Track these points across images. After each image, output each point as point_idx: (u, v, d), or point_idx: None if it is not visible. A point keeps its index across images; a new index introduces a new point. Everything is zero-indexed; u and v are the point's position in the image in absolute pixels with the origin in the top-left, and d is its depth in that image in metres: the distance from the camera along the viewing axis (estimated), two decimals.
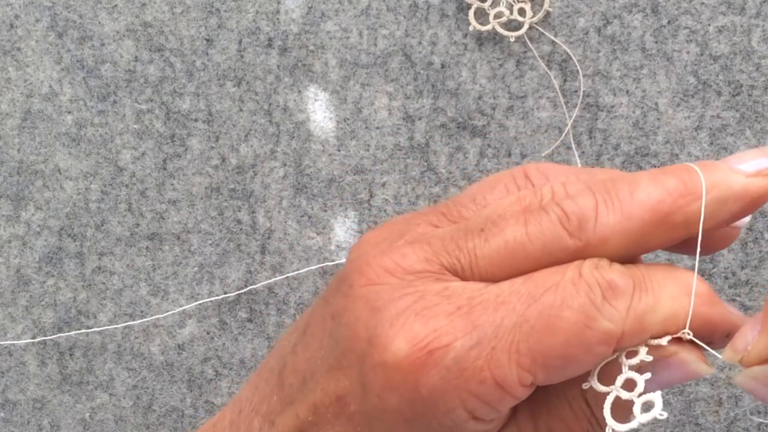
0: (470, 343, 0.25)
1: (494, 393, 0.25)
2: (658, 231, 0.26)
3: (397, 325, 0.25)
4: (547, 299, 0.25)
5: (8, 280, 0.48)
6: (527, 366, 0.24)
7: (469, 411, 0.25)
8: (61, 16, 0.46)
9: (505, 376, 0.24)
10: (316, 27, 0.45)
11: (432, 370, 0.25)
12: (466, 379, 0.25)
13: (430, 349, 0.25)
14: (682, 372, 0.25)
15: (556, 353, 0.24)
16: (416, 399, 0.25)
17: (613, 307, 0.25)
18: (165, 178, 0.47)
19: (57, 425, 0.48)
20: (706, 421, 0.46)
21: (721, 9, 0.44)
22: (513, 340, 0.25)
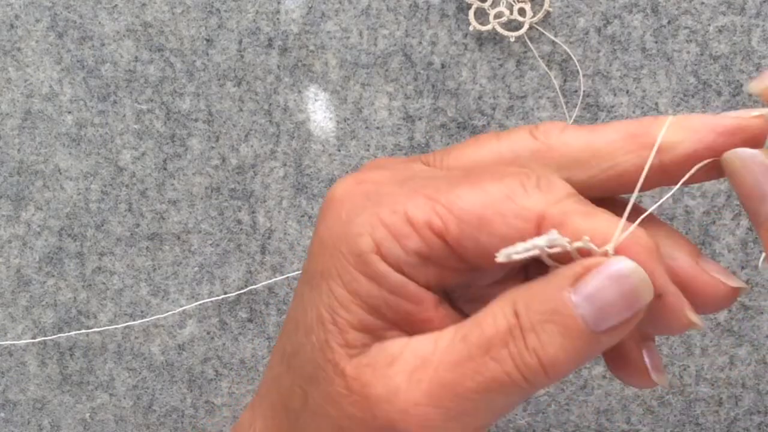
0: (393, 179, 0.27)
1: (403, 227, 0.26)
2: (625, 146, 0.26)
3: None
4: (484, 173, 0.26)
5: (8, 280, 0.48)
6: (440, 213, 0.26)
7: (376, 241, 0.26)
8: (61, 16, 0.46)
9: (416, 213, 0.26)
10: (316, 27, 0.45)
11: (350, 184, 0.27)
12: (381, 206, 0.26)
13: (357, 179, 0.27)
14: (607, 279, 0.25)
15: (472, 210, 0.25)
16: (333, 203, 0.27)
17: (540, 192, 0.26)
18: (165, 178, 0.47)
19: (57, 425, 0.48)
20: (706, 421, 0.46)
21: (721, 9, 0.44)
22: (437, 187, 0.26)
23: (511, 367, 0.25)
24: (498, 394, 0.25)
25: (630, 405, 0.46)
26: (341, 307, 0.26)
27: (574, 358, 0.25)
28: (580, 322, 0.25)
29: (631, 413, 0.46)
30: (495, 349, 0.25)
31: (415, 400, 0.25)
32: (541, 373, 0.25)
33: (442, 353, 0.26)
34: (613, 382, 0.46)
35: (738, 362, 0.45)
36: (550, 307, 0.25)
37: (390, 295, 0.26)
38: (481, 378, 0.25)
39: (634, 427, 0.46)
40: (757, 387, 0.45)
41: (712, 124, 0.26)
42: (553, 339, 0.25)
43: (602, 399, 0.46)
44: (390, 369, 0.26)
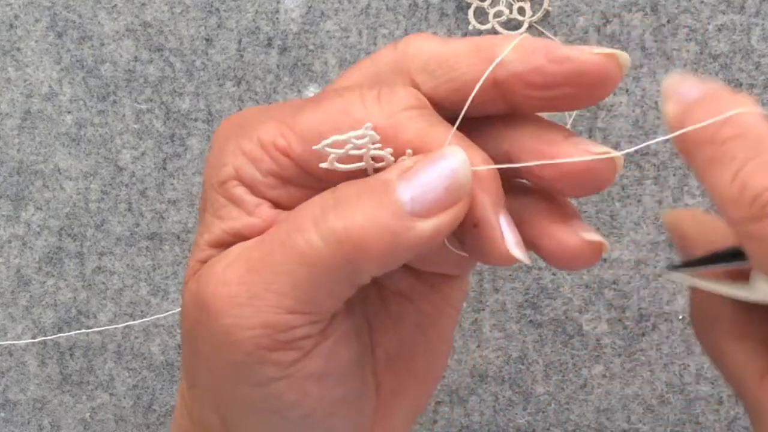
0: (255, 113, 0.28)
1: (256, 150, 0.27)
2: (469, 57, 0.27)
3: None
4: (329, 93, 0.27)
5: (8, 280, 0.48)
6: (285, 134, 0.26)
7: (236, 167, 0.27)
8: (61, 16, 0.46)
9: (265, 137, 0.26)
10: (316, 26, 0.45)
11: (225, 124, 0.28)
12: (242, 136, 0.27)
13: (232, 117, 0.28)
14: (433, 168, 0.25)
15: (311, 127, 0.26)
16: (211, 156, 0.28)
17: (378, 104, 0.26)
18: (165, 177, 0.47)
19: (57, 425, 0.48)
20: (707, 420, 0.46)
21: (720, 8, 0.44)
22: (288, 111, 0.27)
23: (314, 235, 0.25)
24: (302, 267, 0.25)
25: (630, 404, 0.46)
26: (206, 232, 0.27)
27: (386, 235, 0.25)
28: (397, 198, 0.25)
29: (631, 412, 0.46)
30: (302, 222, 0.25)
31: (224, 279, 0.26)
32: (347, 242, 0.25)
33: (258, 238, 0.26)
34: (614, 382, 0.46)
35: None
36: (370, 184, 0.25)
37: (248, 216, 0.27)
38: (283, 251, 0.25)
39: (634, 426, 0.46)
40: None
41: (547, 50, 0.26)
42: (364, 208, 0.25)
43: (602, 398, 0.46)
44: (217, 263, 0.26)
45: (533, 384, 0.46)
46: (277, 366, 0.26)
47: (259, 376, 0.26)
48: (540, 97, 0.26)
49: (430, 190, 0.25)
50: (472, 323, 0.46)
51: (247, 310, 0.25)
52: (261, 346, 0.25)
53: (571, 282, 0.45)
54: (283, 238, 0.25)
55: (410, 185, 0.25)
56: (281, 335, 0.25)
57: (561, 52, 0.26)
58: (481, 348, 0.46)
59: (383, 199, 0.25)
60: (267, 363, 0.26)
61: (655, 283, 0.45)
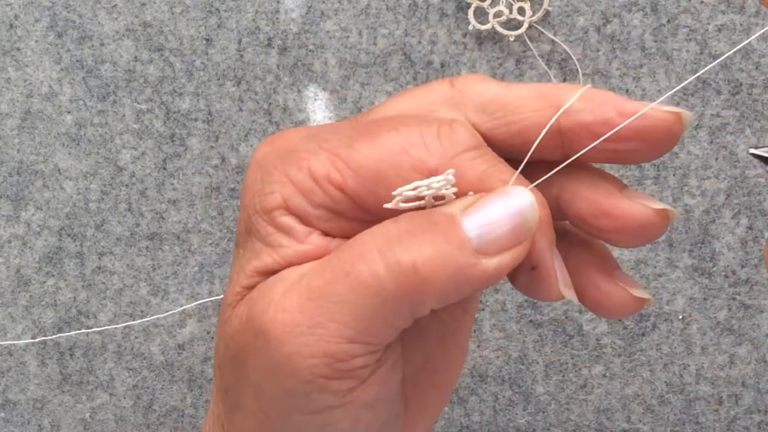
0: (304, 139, 0.27)
1: (307, 182, 0.26)
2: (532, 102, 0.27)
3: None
4: (385, 123, 0.27)
5: (8, 280, 0.48)
6: (339, 167, 0.26)
7: (284, 197, 0.27)
8: (61, 16, 0.46)
9: (317, 168, 0.26)
10: (316, 26, 0.45)
11: (267, 147, 0.28)
12: (290, 164, 0.27)
13: (271, 140, 0.28)
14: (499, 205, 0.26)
15: (369, 165, 0.26)
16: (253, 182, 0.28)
17: (440, 143, 0.26)
18: (165, 177, 0.47)
19: (57, 425, 0.48)
20: (707, 420, 0.46)
21: (720, 8, 0.44)
22: (340, 141, 0.27)
23: (380, 266, 0.25)
24: (365, 298, 0.25)
25: (630, 404, 0.46)
26: (255, 258, 0.27)
27: (453, 270, 0.25)
28: (464, 233, 0.25)
29: (632, 412, 0.46)
30: (366, 252, 0.25)
31: (283, 306, 0.25)
32: (412, 275, 0.24)
33: (316, 265, 0.26)
34: (614, 382, 0.46)
35: (738, 361, 0.45)
36: (435, 218, 0.25)
37: (300, 244, 0.27)
38: (346, 280, 0.25)
39: (634, 426, 0.46)
40: (757, 386, 0.45)
41: (617, 103, 0.26)
42: (431, 241, 0.25)
43: (602, 398, 0.46)
44: (272, 289, 0.26)
45: (533, 384, 0.46)
46: (335, 395, 0.26)
47: (315, 404, 0.26)
48: (604, 150, 0.26)
49: (497, 228, 0.25)
50: None
51: (309, 339, 0.25)
52: (320, 375, 0.25)
53: None
54: (346, 267, 0.25)
55: (476, 221, 0.25)
56: (341, 364, 0.25)
57: (631, 107, 0.26)
58: (481, 348, 0.46)
59: (450, 234, 0.25)
60: (325, 391, 0.26)
61: (655, 283, 0.45)
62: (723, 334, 0.45)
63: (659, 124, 0.26)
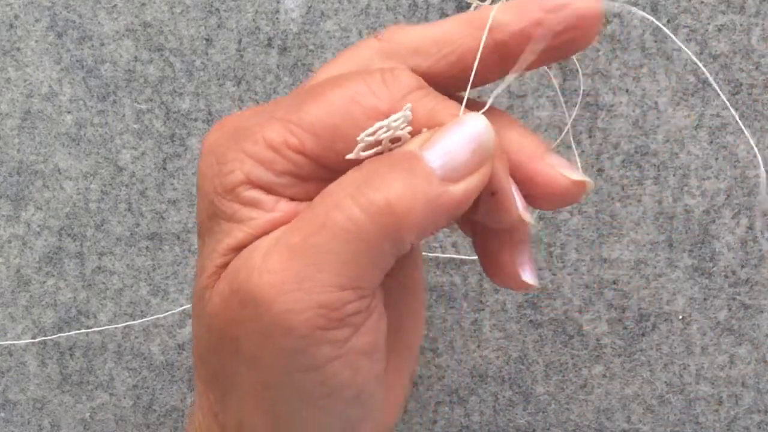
0: (249, 115, 0.28)
1: (265, 152, 0.27)
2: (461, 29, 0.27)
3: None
4: (327, 83, 0.27)
5: (8, 280, 0.48)
6: (295, 131, 0.26)
7: (245, 173, 0.27)
8: (61, 16, 0.46)
9: (273, 137, 0.26)
10: (316, 26, 0.45)
11: (216, 133, 0.28)
12: (243, 140, 0.27)
13: (219, 124, 0.28)
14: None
15: (323, 122, 0.26)
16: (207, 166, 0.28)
17: (386, 88, 0.26)
18: (165, 177, 0.47)
19: (57, 425, 0.48)
20: (707, 420, 0.46)
21: (720, 8, 0.44)
22: (287, 107, 0.27)
23: (356, 210, 0.25)
24: (347, 243, 0.25)
25: (630, 404, 0.46)
26: (226, 237, 0.27)
27: (424, 201, 0.25)
28: (428, 165, 0.26)
29: (632, 412, 0.46)
30: (338, 201, 0.25)
31: (266, 269, 0.26)
32: (388, 213, 0.25)
33: (291, 225, 0.26)
34: (614, 382, 0.46)
35: (738, 361, 0.45)
36: (397, 158, 0.26)
37: (270, 213, 0.27)
38: (325, 231, 0.25)
39: (635, 426, 0.46)
40: (757, 386, 0.45)
41: (539, 2, 0.27)
42: (399, 179, 0.25)
43: (602, 398, 0.46)
44: (251, 257, 0.26)
45: (533, 384, 0.46)
46: (333, 344, 0.26)
47: (314, 358, 0.26)
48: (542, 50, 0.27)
49: (458, 155, 0.26)
50: (472, 323, 0.46)
51: (299, 295, 0.25)
52: (317, 327, 0.26)
53: (571, 282, 0.45)
54: (321, 219, 0.25)
55: (436, 153, 0.26)
56: (335, 313, 0.26)
57: (554, 1, 0.27)
58: (481, 348, 0.46)
59: (415, 169, 0.26)
60: (323, 343, 0.26)
61: (655, 283, 0.45)
62: (723, 334, 0.45)
63: (587, 8, 0.27)
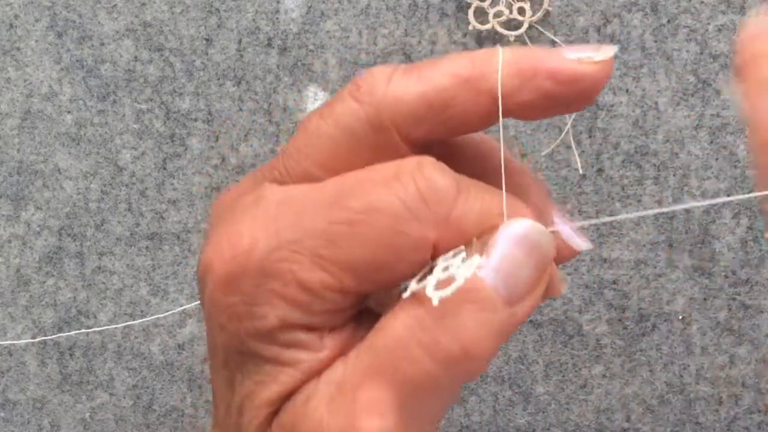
0: (272, 246, 0.24)
1: (300, 295, 0.24)
2: (460, 94, 0.25)
3: (210, 241, 0.26)
4: (354, 202, 0.24)
5: (8, 280, 0.48)
6: (331, 271, 0.24)
7: (279, 316, 0.24)
8: (61, 16, 0.46)
9: (307, 279, 0.24)
10: (316, 26, 0.45)
11: (237, 272, 0.25)
12: (270, 279, 0.24)
13: (232, 254, 0.25)
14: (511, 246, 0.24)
15: (364, 260, 0.24)
16: (230, 306, 0.25)
17: (427, 208, 0.24)
18: (165, 177, 0.47)
19: (57, 425, 0.48)
20: (707, 420, 0.46)
21: (720, 8, 0.44)
22: (317, 244, 0.24)
23: (429, 363, 0.23)
24: (424, 397, 0.24)
25: (630, 404, 0.46)
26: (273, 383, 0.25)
27: (495, 332, 0.24)
28: (494, 294, 0.24)
29: (631, 412, 0.46)
30: (406, 350, 0.23)
31: (338, 427, 0.24)
32: (464, 359, 0.23)
33: (352, 372, 0.24)
34: (613, 381, 0.46)
35: (738, 361, 0.45)
36: (461, 287, 0.23)
37: (318, 353, 0.25)
38: (397, 386, 0.24)
39: (634, 426, 0.46)
40: (757, 386, 0.45)
41: (550, 71, 0.24)
42: (470, 316, 0.23)
43: (602, 398, 0.46)
44: (308, 406, 0.24)
45: (533, 384, 0.46)
46: None
47: None
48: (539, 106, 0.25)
49: (520, 275, 0.24)
50: None
51: None
52: None
53: (571, 282, 0.45)
54: (390, 373, 0.24)
55: (497, 275, 0.24)
56: None
57: (567, 73, 0.24)
58: None
59: (481, 300, 0.24)
60: None
61: (655, 283, 0.45)
62: (723, 334, 0.45)
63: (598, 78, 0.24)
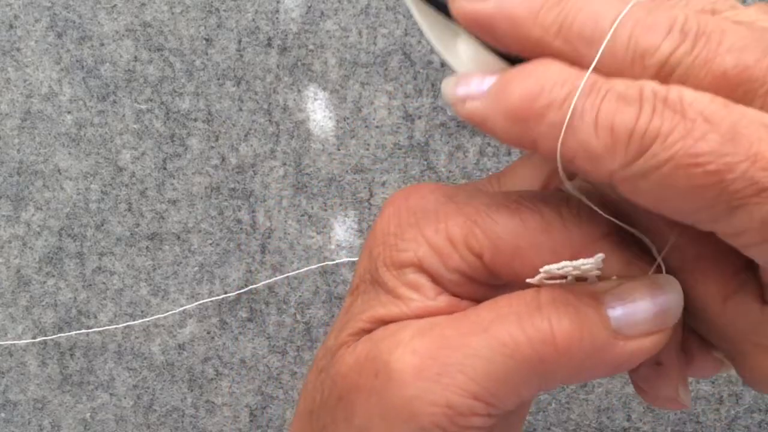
0: (441, 201, 0.27)
1: (444, 244, 0.26)
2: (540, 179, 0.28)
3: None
4: (525, 199, 0.26)
5: (8, 280, 0.48)
6: (478, 236, 0.26)
7: (419, 255, 0.26)
8: (61, 16, 0.46)
9: (455, 233, 0.26)
10: (316, 26, 0.45)
11: (403, 201, 0.27)
12: (425, 222, 0.26)
13: (408, 194, 0.27)
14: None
15: (507, 240, 0.25)
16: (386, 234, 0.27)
17: (579, 225, 0.25)
18: (165, 177, 0.47)
19: (58, 425, 0.48)
20: (707, 419, 0.46)
21: None
22: (477, 207, 0.26)
23: (516, 328, 0.24)
24: (499, 357, 0.24)
25: (630, 403, 0.46)
26: (378, 306, 0.27)
27: (589, 346, 0.24)
28: (605, 314, 0.25)
29: (632, 411, 0.46)
30: (505, 315, 0.25)
31: (412, 348, 0.25)
32: (550, 343, 0.24)
33: (450, 318, 0.26)
34: (614, 381, 0.46)
35: None
36: (577, 294, 0.25)
37: (430, 301, 0.26)
38: (483, 336, 0.25)
39: (635, 425, 0.46)
40: None
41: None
42: (571, 315, 0.24)
43: (603, 397, 0.46)
44: (400, 331, 0.26)
45: None
46: None
47: None
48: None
49: (639, 314, 0.25)
50: None
51: (434, 386, 0.25)
52: (438, 425, 0.25)
53: None
54: (483, 325, 0.25)
55: (618, 303, 0.25)
56: (460, 419, 0.25)
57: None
58: None
59: (591, 312, 0.25)
60: None
61: None
62: None
63: None
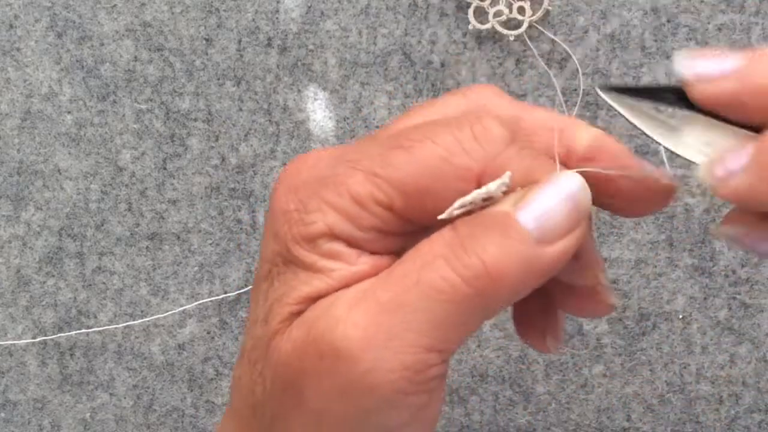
0: (332, 164, 0.27)
1: (350, 206, 0.26)
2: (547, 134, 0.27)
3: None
4: (414, 134, 0.26)
5: (8, 280, 0.48)
6: (382, 187, 0.26)
7: (328, 224, 0.26)
8: (61, 16, 0.46)
9: (359, 191, 0.26)
10: (316, 26, 0.45)
11: (294, 174, 0.27)
12: (325, 189, 0.26)
13: (297, 167, 0.28)
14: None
15: (413, 181, 0.25)
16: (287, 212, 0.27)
17: (478, 144, 0.26)
18: (165, 177, 0.47)
19: (57, 425, 0.48)
20: (707, 419, 0.46)
21: (720, 7, 0.44)
22: (371, 157, 0.26)
23: (448, 271, 0.24)
24: (440, 304, 0.25)
25: (630, 403, 0.46)
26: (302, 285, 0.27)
27: (519, 264, 0.25)
28: (522, 228, 0.25)
29: (632, 411, 0.46)
30: (431, 261, 0.25)
31: (353, 322, 0.25)
32: (484, 276, 0.24)
33: (378, 280, 0.26)
34: (614, 381, 0.46)
35: (738, 360, 0.45)
36: (491, 219, 0.25)
37: (352, 266, 0.26)
38: (417, 290, 0.25)
39: (635, 426, 0.46)
40: (758, 385, 0.45)
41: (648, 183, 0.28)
42: (494, 241, 0.25)
43: (603, 397, 0.46)
44: (331, 307, 0.26)
45: (533, 383, 0.46)
46: (410, 410, 0.25)
47: (389, 422, 0.25)
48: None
49: (553, 216, 0.25)
50: None
51: (385, 353, 0.24)
52: (399, 391, 0.25)
53: None
54: (414, 277, 0.25)
55: (531, 213, 0.25)
56: (419, 376, 0.25)
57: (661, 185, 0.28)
58: (481, 348, 0.46)
59: (510, 231, 0.25)
60: (402, 407, 0.25)
61: (655, 282, 0.45)
62: (723, 333, 0.45)
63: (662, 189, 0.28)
